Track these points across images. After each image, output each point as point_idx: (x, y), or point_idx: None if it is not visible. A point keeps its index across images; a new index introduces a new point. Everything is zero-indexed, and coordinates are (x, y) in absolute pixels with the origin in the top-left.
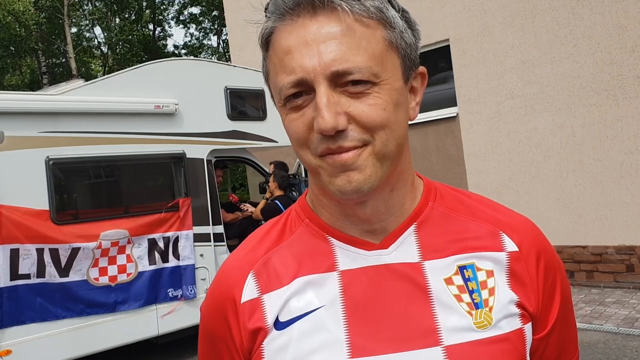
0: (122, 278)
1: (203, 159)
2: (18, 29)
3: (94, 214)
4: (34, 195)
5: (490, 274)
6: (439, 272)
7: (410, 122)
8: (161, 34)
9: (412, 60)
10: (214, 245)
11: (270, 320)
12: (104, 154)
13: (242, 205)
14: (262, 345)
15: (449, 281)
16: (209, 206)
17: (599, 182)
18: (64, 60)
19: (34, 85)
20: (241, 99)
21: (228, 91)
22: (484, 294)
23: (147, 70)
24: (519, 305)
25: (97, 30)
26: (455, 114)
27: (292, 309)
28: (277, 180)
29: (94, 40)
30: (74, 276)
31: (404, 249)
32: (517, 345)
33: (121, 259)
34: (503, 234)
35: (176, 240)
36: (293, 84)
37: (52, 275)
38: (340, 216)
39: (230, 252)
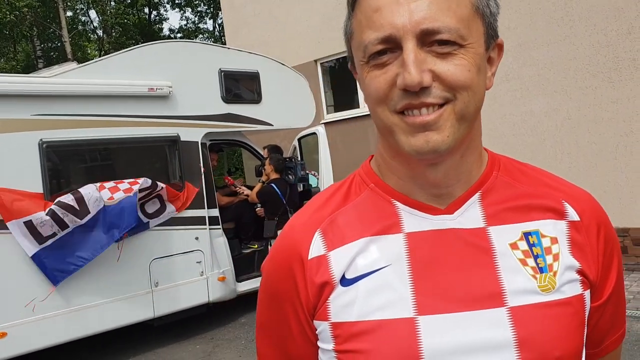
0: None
1: (197, 142)
2: (9, 14)
3: None
4: (28, 178)
5: (554, 240)
6: (503, 237)
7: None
8: (157, 17)
9: (494, 30)
10: (209, 229)
11: (337, 277)
12: (98, 136)
13: (238, 188)
14: (328, 301)
15: (514, 246)
16: (204, 189)
17: (593, 164)
18: (59, 44)
19: (29, 69)
20: (236, 82)
21: (222, 73)
22: (549, 259)
23: (141, 53)
24: (580, 272)
25: (93, 13)
26: None
27: (359, 267)
28: (273, 163)
29: (89, 24)
30: (93, 209)
31: (469, 215)
32: (578, 310)
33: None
34: (565, 203)
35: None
36: (380, 41)
37: (74, 221)
38: (408, 179)
39: (226, 235)
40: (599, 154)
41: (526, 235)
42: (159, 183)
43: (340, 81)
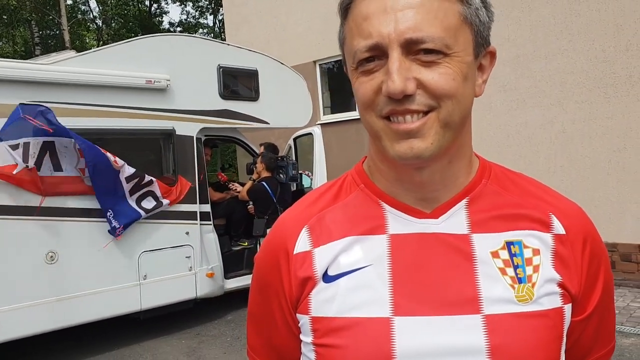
0: None
1: (193, 137)
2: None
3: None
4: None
5: (536, 252)
6: (486, 245)
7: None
8: (157, 10)
9: (484, 38)
10: (200, 224)
11: (319, 273)
12: (93, 126)
13: (230, 185)
14: (309, 295)
15: (495, 254)
16: (197, 184)
17: (586, 178)
18: (57, 32)
19: (26, 55)
20: (234, 78)
21: (221, 69)
22: (528, 270)
23: (140, 45)
24: (561, 285)
25: (93, 3)
26: None
27: (341, 265)
28: (265, 161)
29: (89, 14)
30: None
31: (454, 221)
32: (555, 323)
33: None
34: (553, 216)
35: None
36: (368, 48)
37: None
38: (395, 182)
39: (216, 231)
40: (592, 168)
41: (508, 244)
42: (147, 176)
43: (337, 83)
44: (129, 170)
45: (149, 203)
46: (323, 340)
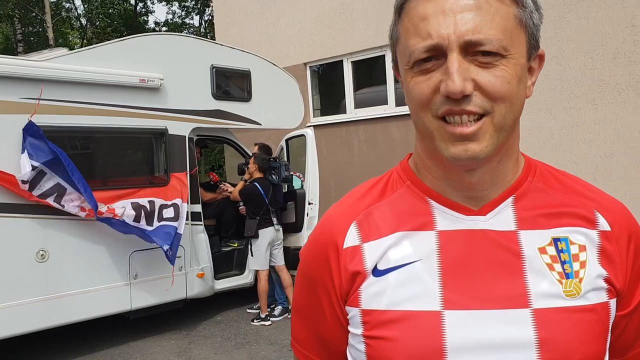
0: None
1: (185, 136)
2: None
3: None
4: (13, 161)
5: (582, 248)
6: (533, 241)
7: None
8: (143, 9)
9: (536, 41)
10: (191, 224)
11: (369, 267)
12: (85, 124)
13: (222, 185)
14: (359, 289)
15: (542, 250)
16: (188, 184)
17: None
18: (40, 29)
19: (8, 52)
20: (227, 79)
21: (214, 70)
22: (575, 265)
23: (134, 44)
24: (607, 280)
25: (77, 1)
26: None
27: (390, 259)
28: (258, 162)
29: (73, 11)
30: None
31: (501, 218)
32: (601, 317)
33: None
34: (597, 213)
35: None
36: (427, 49)
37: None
38: (443, 180)
39: (207, 232)
40: (579, 174)
41: (555, 241)
42: (148, 201)
43: (328, 86)
44: (130, 212)
45: (169, 213)
46: (373, 332)
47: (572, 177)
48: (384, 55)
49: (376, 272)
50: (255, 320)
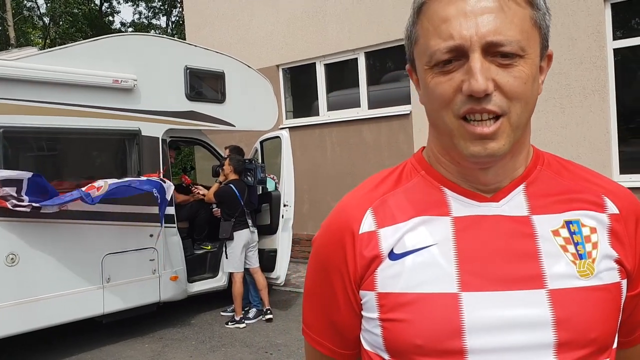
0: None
1: (158, 138)
2: None
3: None
4: None
5: (593, 230)
6: (546, 224)
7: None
8: (108, 9)
9: (547, 41)
10: (165, 227)
11: (385, 251)
12: (57, 125)
13: (193, 188)
14: (375, 272)
15: (555, 233)
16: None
17: None
18: (1, 28)
19: None
20: (201, 80)
21: (188, 71)
22: (588, 247)
23: (107, 43)
24: (618, 261)
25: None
26: (408, 112)
27: (407, 244)
28: (233, 163)
29: (35, 10)
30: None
31: (514, 204)
32: (614, 296)
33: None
34: (605, 197)
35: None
36: (449, 49)
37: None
38: (457, 174)
39: (180, 234)
40: None
41: (567, 223)
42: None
43: (301, 88)
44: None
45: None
46: (390, 315)
47: (579, 165)
48: (356, 59)
49: (392, 256)
50: (229, 323)
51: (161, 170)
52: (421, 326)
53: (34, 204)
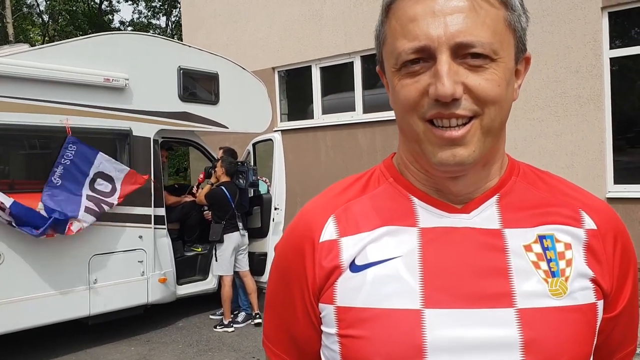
0: None
1: (150, 138)
2: None
3: (31, 185)
4: None
5: (568, 246)
6: (518, 239)
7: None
8: (108, 7)
9: (523, 44)
10: (154, 228)
11: (346, 262)
12: (46, 123)
13: (183, 196)
14: (335, 284)
15: (527, 248)
16: (152, 187)
17: None
18: (0, 25)
19: None
20: (194, 81)
21: (181, 71)
22: (561, 264)
23: (99, 42)
24: (594, 281)
25: None
26: None
27: (369, 255)
28: (225, 165)
29: (35, 8)
30: None
31: (485, 216)
32: (589, 318)
33: None
34: (583, 212)
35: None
36: (414, 50)
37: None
38: (426, 182)
39: (170, 236)
40: None
41: (541, 238)
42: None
43: (296, 91)
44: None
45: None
46: (348, 331)
47: (557, 177)
48: (352, 62)
49: (354, 268)
50: (218, 327)
51: (152, 178)
52: (380, 344)
53: (12, 223)
